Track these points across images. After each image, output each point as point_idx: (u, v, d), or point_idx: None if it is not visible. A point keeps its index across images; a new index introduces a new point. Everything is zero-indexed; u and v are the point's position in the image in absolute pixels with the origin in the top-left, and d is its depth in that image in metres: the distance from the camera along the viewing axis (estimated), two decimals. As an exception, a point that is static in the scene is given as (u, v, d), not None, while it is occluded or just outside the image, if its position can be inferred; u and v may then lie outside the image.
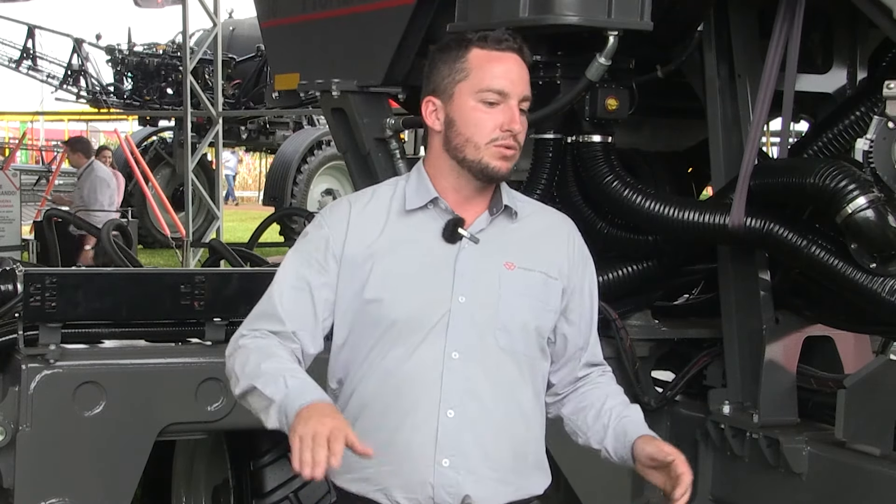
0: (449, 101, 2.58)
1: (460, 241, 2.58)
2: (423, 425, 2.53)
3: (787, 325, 4.10)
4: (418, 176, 2.64)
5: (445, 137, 2.59)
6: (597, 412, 2.73)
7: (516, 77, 2.58)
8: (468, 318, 2.55)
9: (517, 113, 2.56)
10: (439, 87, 2.59)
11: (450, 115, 2.58)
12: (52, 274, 3.80)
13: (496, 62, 2.57)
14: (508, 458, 2.59)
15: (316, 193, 19.58)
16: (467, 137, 2.56)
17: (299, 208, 17.11)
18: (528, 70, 2.62)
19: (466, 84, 2.56)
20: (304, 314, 2.59)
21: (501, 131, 2.54)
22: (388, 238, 2.58)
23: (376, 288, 2.55)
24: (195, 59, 17.95)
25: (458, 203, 2.61)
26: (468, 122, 2.55)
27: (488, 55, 2.57)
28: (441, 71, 2.59)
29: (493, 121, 2.54)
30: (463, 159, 2.57)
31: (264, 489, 4.21)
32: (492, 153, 2.55)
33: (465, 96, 2.56)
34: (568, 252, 2.70)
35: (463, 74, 2.56)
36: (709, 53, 4.08)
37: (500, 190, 2.64)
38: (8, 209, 13.34)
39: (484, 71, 2.55)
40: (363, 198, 2.67)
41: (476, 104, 2.55)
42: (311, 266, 2.60)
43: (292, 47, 5.30)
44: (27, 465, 3.65)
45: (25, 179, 21.13)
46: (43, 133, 37.06)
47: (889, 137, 3.41)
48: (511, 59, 2.58)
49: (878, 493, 3.65)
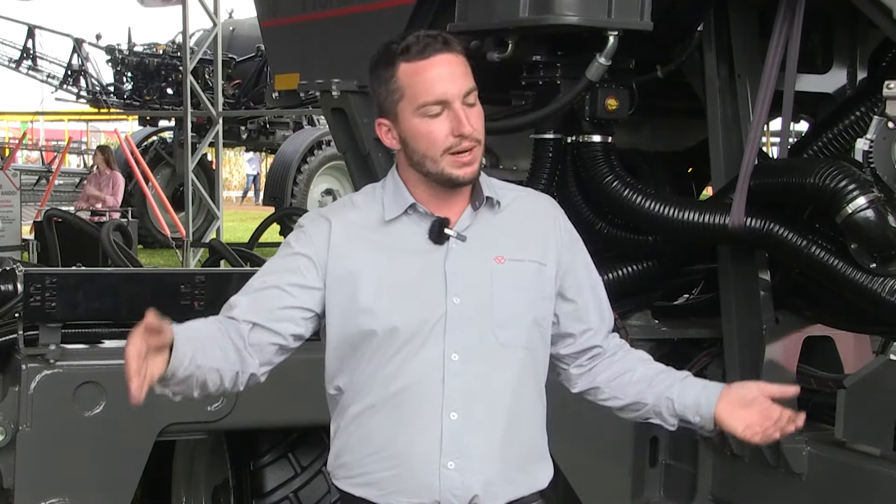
0: (396, 122, 2.55)
1: (447, 242, 2.57)
2: (426, 429, 2.52)
3: (787, 325, 4.10)
4: (394, 183, 2.61)
5: (405, 154, 2.57)
6: (643, 375, 2.77)
7: (450, 78, 2.51)
8: (465, 319, 2.54)
9: (462, 114, 2.50)
10: (383, 107, 2.57)
11: (401, 134, 2.55)
12: (52, 274, 3.80)
13: (424, 72, 2.50)
14: (513, 456, 2.59)
15: (316, 193, 19.59)
16: (422, 153, 2.53)
17: (299, 208, 17.11)
18: (462, 61, 2.54)
19: (405, 103, 2.52)
20: (266, 308, 2.55)
21: (453, 137, 2.50)
22: (375, 246, 2.56)
23: (368, 299, 2.53)
24: (195, 59, 17.96)
25: (437, 207, 2.59)
26: (418, 139, 2.52)
27: (415, 67, 2.50)
28: (379, 91, 2.57)
29: (441, 131, 2.50)
30: (427, 173, 2.55)
31: (264, 489, 4.21)
32: (449, 163, 2.51)
33: (408, 115, 2.52)
34: (556, 235, 2.68)
35: (399, 94, 2.52)
36: (709, 53, 4.08)
37: (478, 183, 2.61)
38: (8, 209, 13.36)
39: (415, 86, 2.50)
40: (341, 210, 2.65)
41: (420, 120, 2.51)
42: (286, 269, 2.58)
43: (292, 47, 5.30)
44: (27, 465, 3.66)
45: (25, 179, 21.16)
46: (43, 133, 37.07)
47: (889, 137, 3.41)
48: (439, 62, 2.51)
49: (878, 493, 3.65)
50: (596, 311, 2.78)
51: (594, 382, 2.80)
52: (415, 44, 2.51)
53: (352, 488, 2.60)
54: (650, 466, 4.45)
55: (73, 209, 15.81)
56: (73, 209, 15.81)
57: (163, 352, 2.37)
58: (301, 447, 4.22)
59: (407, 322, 2.52)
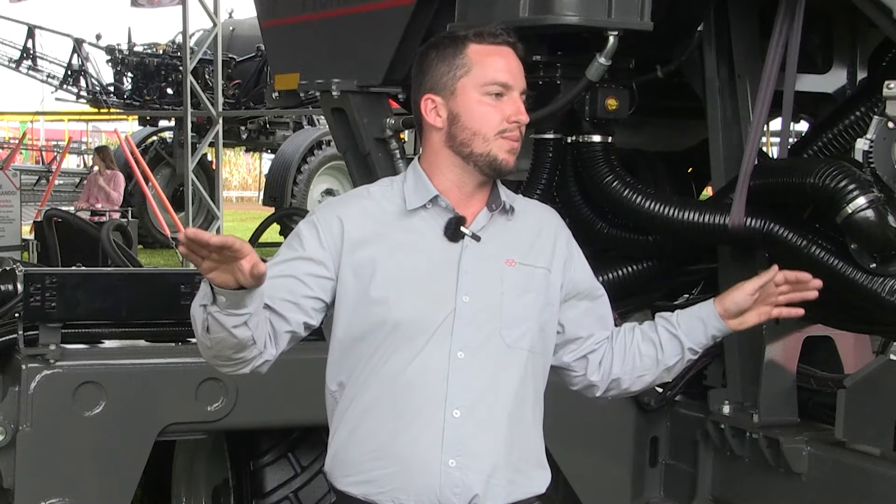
0: (451, 97, 2.58)
1: (462, 240, 2.58)
2: (429, 426, 2.52)
3: (787, 325, 4.10)
4: (415, 175, 2.64)
5: (448, 134, 2.59)
6: (642, 340, 2.81)
7: (516, 70, 2.60)
8: (473, 318, 2.55)
9: (522, 104, 2.59)
10: (438, 84, 2.60)
11: (453, 110, 2.58)
12: (52, 274, 3.80)
13: (496, 56, 2.58)
14: (514, 457, 2.59)
15: (316, 193, 19.58)
16: (475, 131, 2.57)
17: (299, 208, 17.11)
18: (523, 65, 2.64)
19: (469, 79, 2.57)
20: (280, 297, 2.55)
21: (509, 122, 2.56)
22: (390, 239, 2.58)
23: (381, 289, 2.54)
24: (195, 59, 17.98)
25: (458, 200, 2.61)
26: (474, 116, 2.57)
27: (487, 49, 2.58)
28: (439, 68, 2.60)
29: (499, 113, 2.56)
30: (470, 154, 2.57)
31: (264, 489, 4.21)
32: (500, 145, 2.56)
33: (470, 90, 2.57)
34: (558, 245, 2.73)
35: (464, 70, 2.57)
36: (709, 53, 4.08)
37: (497, 186, 2.65)
38: (8, 209, 13.36)
39: (485, 65, 2.57)
40: (357, 200, 2.66)
41: (481, 97, 2.57)
42: (301, 258, 2.58)
43: (292, 47, 5.30)
44: (27, 465, 3.66)
45: (25, 179, 21.16)
46: (43, 133, 37.08)
47: (889, 137, 3.41)
48: (509, 53, 2.61)
49: (878, 493, 3.65)
50: (597, 320, 2.81)
51: (612, 376, 2.82)
52: (489, 31, 2.61)
53: (350, 487, 2.59)
54: (650, 466, 4.45)
55: (73, 209, 15.82)
56: (73, 209, 15.82)
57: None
58: (301, 447, 4.22)
59: (415, 316, 2.53)
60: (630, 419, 4.35)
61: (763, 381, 4.04)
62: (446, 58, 2.60)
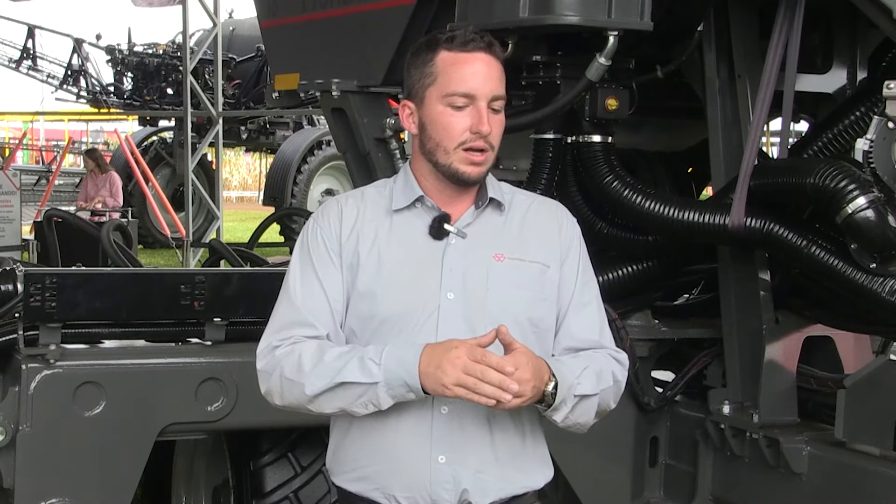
0: (421, 106, 2.59)
1: (447, 237, 2.59)
2: (418, 423, 2.53)
3: (787, 325, 4.10)
4: (405, 176, 2.65)
5: (420, 140, 2.61)
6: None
7: (484, 77, 2.55)
8: (458, 314, 2.55)
9: (485, 114, 2.54)
10: (412, 90, 2.61)
11: (422, 119, 2.59)
12: (52, 274, 3.79)
13: (463, 64, 2.55)
14: (504, 453, 2.59)
15: (316, 193, 19.57)
16: (437, 142, 2.56)
17: (299, 208, 17.14)
18: (500, 67, 2.59)
19: (434, 88, 2.56)
20: (326, 317, 2.58)
21: (471, 133, 2.53)
22: (378, 237, 2.59)
23: (366, 287, 2.56)
24: (195, 59, 17.96)
25: (442, 201, 2.61)
26: (437, 127, 2.56)
27: (455, 57, 2.55)
28: (413, 75, 2.61)
29: (460, 124, 2.54)
30: (436, 163, 2.58)
31: (264, 489, 4.21)
32: (460, 158, 2.55)
33: (434, 101, 2.56)
34: (559, 238, 2.68)
35: (431, 79, 2.56)
36: (709, 53, 4.09)
37: (484, 184, 2.64)
38: (8, 209, 13.35)
39: (450, 74, 2.54)
40: (352, 199, 2.68)
41: (444, 108, 2.55)
42: (317, 268, 2.60)
43: (292, 47, 5.30)
44: (27, 465, 3.65)
45: (25, 179, 21.17)
46: (43, 133, 37.09)
47: (889, 137, 3.41)
48: (478, 60, 2.56)
49: (878, 493, 3.65)
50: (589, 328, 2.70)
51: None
52: (461, 36, 2.57)
53: (347, 484, 2.61)
54: (650, 466, 4.45)
55: (73, 209, 15.81)
56: (73, 209, 15.81)
57: None
58: (301, 447, 4.22)
59: (401, 312, 2.55)
60: (630, 419, 4.34)
61: (763, 381, 4.04)
62: (419, 65, 2.60)
